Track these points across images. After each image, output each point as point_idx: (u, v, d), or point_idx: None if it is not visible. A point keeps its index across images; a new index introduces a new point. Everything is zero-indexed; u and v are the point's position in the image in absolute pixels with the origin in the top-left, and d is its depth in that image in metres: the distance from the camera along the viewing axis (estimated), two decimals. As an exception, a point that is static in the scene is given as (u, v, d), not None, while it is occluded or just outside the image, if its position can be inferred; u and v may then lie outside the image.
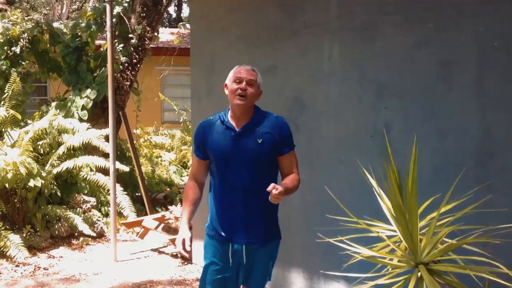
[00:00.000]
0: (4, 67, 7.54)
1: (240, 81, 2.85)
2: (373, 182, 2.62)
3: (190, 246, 2.92)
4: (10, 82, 7.05)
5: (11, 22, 7.85)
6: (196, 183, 3.05)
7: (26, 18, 8.43)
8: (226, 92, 2.92)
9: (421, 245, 2.25)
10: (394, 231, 2.43)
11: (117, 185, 6.96)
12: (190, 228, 3.02)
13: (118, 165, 6.33)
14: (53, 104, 7.65)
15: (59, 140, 6.85)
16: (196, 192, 3.04)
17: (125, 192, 7.24)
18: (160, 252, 6.22)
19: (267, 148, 2.85)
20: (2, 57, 7.59)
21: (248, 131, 2.88)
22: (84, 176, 6.92)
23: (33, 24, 7.85)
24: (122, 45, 7.84)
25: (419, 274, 2.20)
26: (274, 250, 3.05)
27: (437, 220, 2.25)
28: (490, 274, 2.10)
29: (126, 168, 6.81)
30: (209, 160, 2.98)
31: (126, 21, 7.90)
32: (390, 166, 2.36)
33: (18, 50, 7.72)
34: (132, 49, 7.99)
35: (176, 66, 11.70)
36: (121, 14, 7.76)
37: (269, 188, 2.59)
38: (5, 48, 7.62)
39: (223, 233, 2.94)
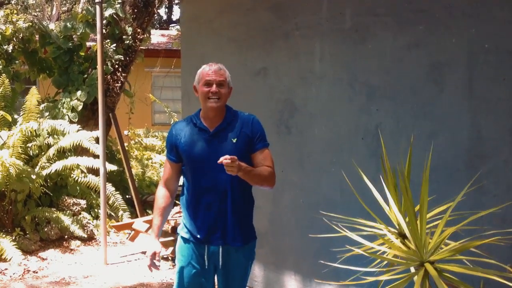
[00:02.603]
0: (0, 67, 7.49)
1: (210, 84, 2.82)
2: (368, 183, 2.61)
3: (159, 260, 2.94)
4: (-1, 83, 7.00)
5: (5, 21, 7.82)
6: (168, 191, 3.02)
7: (20, 16, 8.37)
8: (196, 94, 2.91)
9: (427, 244, 2.26)
10: (393, 232, 2.43)
11: (109, 187, 6.94)
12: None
13: (106, 165, 6.29)
14: (43, 105, 7.60)
15: (49, 142, 6.80)
16: (167, 201, 3.01)
17: (117, 193, 7.21)
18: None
19: (241, 147, 2.83)
20: None
21: (222, 131, 2.86)
22: (75, 178, 6.88)
23: (29, 23, 7.81)
24: (115, 44, 7.81)
25: (423, 272, 2.20)
26: (252, 251, 3.02)
27: (446, 220, 2.25)
28: (499, 277, 2.10)
29: (113, 167, 6.77)
30: (182, 163, 2.96)
31: (119, 22, 7.87)
32: (408, 163, 2.37)
33: (10, 49, 7.68)
34: (122, 50, 7.96)
35: (167, 68, 11.68)
36: (114, 16, 7.72)
37: (220, 160, 2.58)
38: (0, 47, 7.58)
39: (199, 236, 2.90)
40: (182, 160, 2.94)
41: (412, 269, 2.29)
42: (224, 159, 2.58)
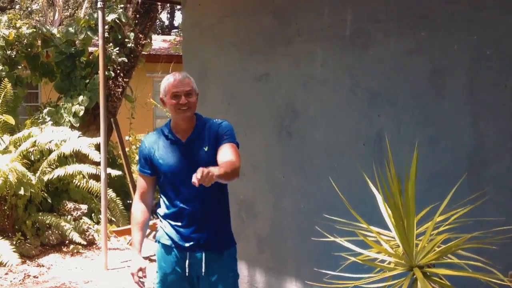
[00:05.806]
0: (4, 73, 7.51)
1: (178, 96, 2.82)
2: (372, 186, 2.62)
3: (145, 276, 2.95)
4: (1, 88, 7.00)
5: (9, 26, 7.86)
6: (145, 205, 3.03)
7: (25, 22, 8.42)
8: (164, 107, 2.92)
9: (417, 249, 2.26)
10: (392, 237, 2.43)
11: (110, 192, 6.93)
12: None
13: (109, 169, 6.30)
14: (45, 110, 7.61)
15: (50, 147, 6.81)
16: (145, 215, 3.03)
17: (118, 198, 7.20)
18: (151, 260, 6.16)
19: (214, 153, 2.80)
20: (1, 62, 7.58)
21: (194, 141, 2.86)
22: (76, 183, 6.88)
23: (33, 30, 7.84)
24: (118, 48, 7.83)
25: (413, 277, 2.20)
26: (235, 257, 3.01)
27: (434, 224, 2.26)
28: (485, 277, 2.10)
29: (116, 172, 6.77)
30: (157, 176, 2.95)
31: (121, 27, 7.89)
32: (390, 172, 2.37)
33: (14, 54, 7.70)
34: (124, 55, 7.99)
35: (168, 73, 11.70)
36: (117, 21, 7.75)
37: (195, 178, 2.35)
38: (3, 52, 7.61)
39: (181, 244, 2.90)
40: (157, 173, 2.94)
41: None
42: (196, 180, 2.38)
